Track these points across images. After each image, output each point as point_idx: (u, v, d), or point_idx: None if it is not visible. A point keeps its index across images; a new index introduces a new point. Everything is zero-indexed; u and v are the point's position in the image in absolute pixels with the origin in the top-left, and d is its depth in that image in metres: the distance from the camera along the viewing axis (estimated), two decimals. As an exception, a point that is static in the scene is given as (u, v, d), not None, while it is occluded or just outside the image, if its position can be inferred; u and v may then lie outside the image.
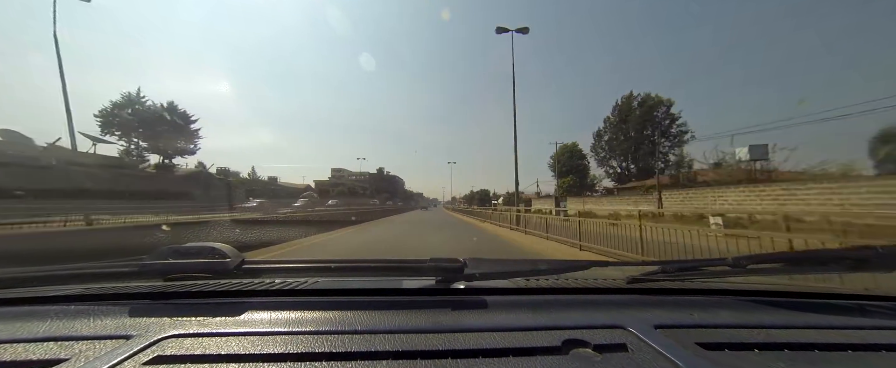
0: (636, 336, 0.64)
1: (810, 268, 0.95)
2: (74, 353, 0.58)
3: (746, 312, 0.81)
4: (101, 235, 8.35)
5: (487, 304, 0.79)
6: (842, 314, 0.81)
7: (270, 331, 0.65)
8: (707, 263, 1.11)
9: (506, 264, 1.01)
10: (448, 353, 0.58)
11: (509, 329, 0.67)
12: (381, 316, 0.71)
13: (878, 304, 0.87)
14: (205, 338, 0.63)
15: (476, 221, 21.15)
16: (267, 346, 0.60)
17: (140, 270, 0.87)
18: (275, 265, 1.05)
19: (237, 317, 0.71)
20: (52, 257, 6.11)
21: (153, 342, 0.61)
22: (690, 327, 0.71)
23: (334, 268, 0.99)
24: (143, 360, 0.56)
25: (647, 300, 0.85)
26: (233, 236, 9.85)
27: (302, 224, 12.99)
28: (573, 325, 0.68)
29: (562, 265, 1.05)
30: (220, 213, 18.31)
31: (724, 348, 0.63)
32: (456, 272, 0.87)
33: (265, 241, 9.30)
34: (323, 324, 0.68)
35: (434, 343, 0.61)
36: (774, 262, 0.96)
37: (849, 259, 0.91)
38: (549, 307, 0.78)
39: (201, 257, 0.89)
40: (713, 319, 0.75)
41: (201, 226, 10.16)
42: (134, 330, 0.65)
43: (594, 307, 0.79)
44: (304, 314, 0.72)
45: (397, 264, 0.99)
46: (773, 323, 0.74)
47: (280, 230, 11.01)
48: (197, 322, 0.69)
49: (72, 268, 0.95)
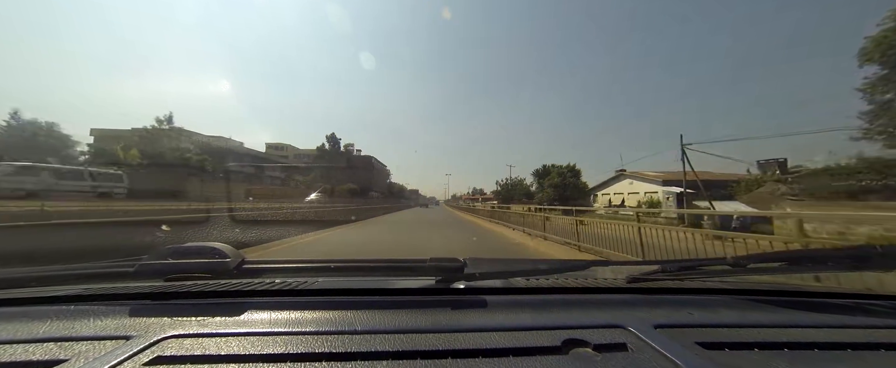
0: (636, 336, 0.64)
1: (810, 268, 0.95)
2: (74, 353, 0.58)
3: (746, 311, 0.81)
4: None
5: (487, 304, 0.79)
6: (842, 313, 0.81)
7: (270, 331, 0.65)
8: (707, 262, 1.11)
9: (506, 263, 1.01)
10: (448, 353, 0.58)
11: (509, 328, 0.67)
12: (381, 316, 0.71)
13: (878, 304, 0.87)
14: (205, 338, 0.62)
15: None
16: (267, 346, 0.60)
17: (140, 270, 0.87)
18: (275, 264, 1.05)
19: (237, 317, 0.71)
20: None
21: (153, 342, 0.61)
22: (690, 326, 0.71)
23: (334, 268, 0.99)
24: (143, 360, 0.56)
25: (647, 300, 0.85)
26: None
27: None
28: (573, 325, 0.68)
29: (561, 264, 1.05)
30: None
31: (724, 347, 0.63)
32: (456, 271, 0.87)
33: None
34: (323, 324, 0.68)
35: (434, 342, 0.61)
36: (774, 261, 0.96)
37: (849, 259, 0.91)
38: (549, 307, 0.78)
39: (201, 257, 0.89)
40: (713, 318, 0.75)
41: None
42: (134, 331, 0.65)
43: (594, 307, 0.79)
44: (304, 314, 0.72)
45: (397, 264, 0.99)
46: (773, 323, 0.74)
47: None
48: (197, 322, 0.69)
49: (72, 268, 0.95)
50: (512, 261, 1.08)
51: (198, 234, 9.00)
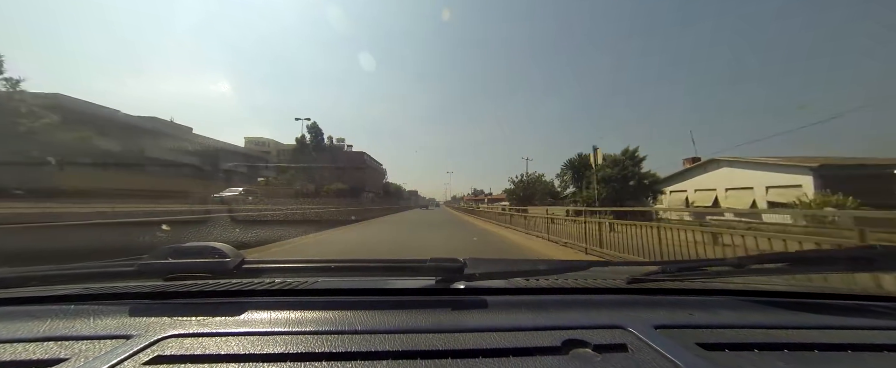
0: (636, 337, 0.64)
1: (810, 268, 0.95)
2: (74, 353, 0.59)
3: (746, 312, 0.81)
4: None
5: (487, 304, 0.79)
6: (842, 314, 0.81)
7: (270, 331, 0.65)
8: (707, 263, 1.11)
9: (506, 264, 1.01)
10: (448, 353, 0.58)
11: (509, 329, 0.67)
12: (381, 316, 0.71)
13: (878, 304, 0.87)
14: (205, 338, 0.63)
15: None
16: (267, 346, 0.60)
17: (140, 270, 0.87)
18: (275, 264, 1.05)
19: (237, 317, 0.71)
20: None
21: (153, 341, 0.61)
22: (690, 327, 0.71)
23: (334, 268, 0.99)
24: (143, 360, 0.56)
25: (647, 301, 0.85)
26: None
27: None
28: (573, 325, 0.68)
29: (562, 265, 1.05)
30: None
31: (724, 348, 0.63)
32: (456, 271, 0.87)
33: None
34: (323, 324, 0.68)
35: (434, 342, 0.61)
36: (774, 262, 0.96)
37: (849, 259, 0.91)
38: (549, 307, 0.78)
39: (201, 256, 0.90)
40: (713, 319, 0.75)
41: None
42: (134, 330, 0.65)
43: (594, 308, 0.79)
44: (304, 314, 0.72)
45: (397, 264, 0.99)
46: (773, 323, 0.74)
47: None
48: (197, 321, 0.69)
49: (72, 268, 0.95)
50: (512, 261, 1.08)
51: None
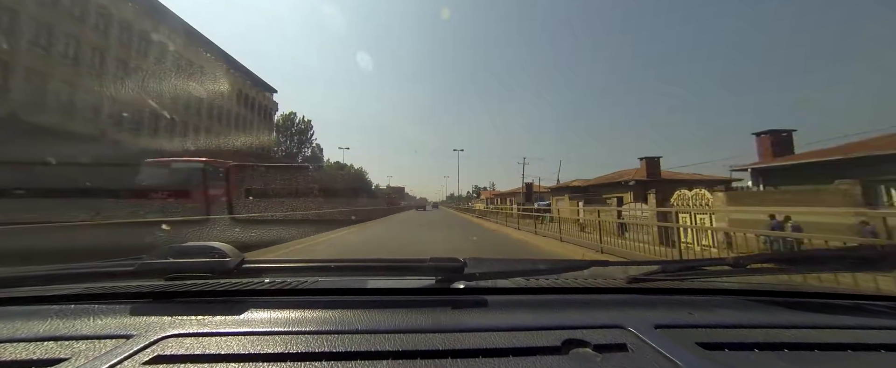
0: (636, 336, 0.64)
1: (810, 268, 0.96)
2: (75, 352, 0.59)
3: (746, 312, 0.81)
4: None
5: (487, 304, 0.79)
6: (841, 314, 0.81)
7: (270, 331, 0.65)
8: (707, 263, 1.11)
9: (506, 263, 1.01)
10: (448, 353, 0.58)
11: (509, 328, 0.67)
12: (381, 316, 0.71)
13: (878, 304, 0.87)
14: (205, 338, 0.63)
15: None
16: (267, 346, 0.60)
17: (140, 269, 0.87)
18: (275, 264, 1.05)
19: (237, 317, 0.71)
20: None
21: (153, 341, 0.61)
22: (690, 327, 0.71)
23: (334, 268, 0.99)
24: (143, 360, 0.56)
25: (648, 300, 0.85)
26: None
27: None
28: (573, 325, 0.68)
29: (562, 264, 1.05)
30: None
31: (724, 348, 0.63)
32: (456, 271, 0.87)
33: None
34: (323, 324, 0.68)
35: (434, 342, 0.61)
36: (774, 262, 0.96)
37: (849, 259, 0.91)
38: (550, 307, 0.78)
39: (201, 256, 0.90)
40: (713, 319, 0.75)
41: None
42: (134, 330, 0.65)
43: (594, 307, 0.79)
44: (304, 313, 0.72)
45: (397, 263, 0.99)
46: (773, 323, 0.74)
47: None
48: (197, 321, 0.69)
49: (72, 268, 0.95)
50: (512, 261, 1.08)
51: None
